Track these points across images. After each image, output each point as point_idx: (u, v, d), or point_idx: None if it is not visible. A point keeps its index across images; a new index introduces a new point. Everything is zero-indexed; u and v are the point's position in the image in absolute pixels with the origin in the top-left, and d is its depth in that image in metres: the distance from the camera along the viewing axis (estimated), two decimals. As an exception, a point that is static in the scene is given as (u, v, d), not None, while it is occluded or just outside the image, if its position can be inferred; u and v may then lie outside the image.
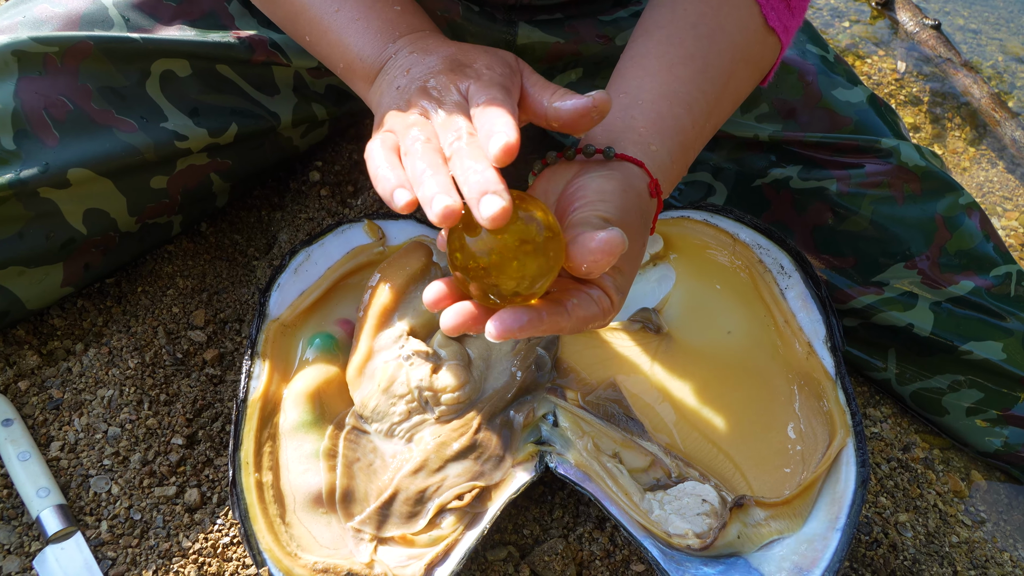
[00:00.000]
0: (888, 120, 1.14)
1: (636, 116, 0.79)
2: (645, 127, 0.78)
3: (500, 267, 0.61)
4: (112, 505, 0.92)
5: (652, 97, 0.81)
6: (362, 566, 0.83)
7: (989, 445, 1.11)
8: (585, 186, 0.70)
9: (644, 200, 0.73)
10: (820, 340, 0.94)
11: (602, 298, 0.66)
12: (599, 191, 0.69)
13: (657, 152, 0.77)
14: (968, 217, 1.09)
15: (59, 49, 0.97)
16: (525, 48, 1.13)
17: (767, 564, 0.84)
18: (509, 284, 0.62)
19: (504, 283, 0.62)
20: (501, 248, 0.61)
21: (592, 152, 0.74)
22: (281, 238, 1.17)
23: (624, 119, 0.79)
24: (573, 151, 0.75)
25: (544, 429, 0.92)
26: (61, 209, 0.98)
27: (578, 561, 0.92)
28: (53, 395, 1.00)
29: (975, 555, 1.02)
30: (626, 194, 0.71)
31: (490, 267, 0.61)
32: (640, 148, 0.76)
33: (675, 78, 0.82)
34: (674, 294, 1.02)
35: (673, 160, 0.79)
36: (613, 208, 0.68)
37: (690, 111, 0.82)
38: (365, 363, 0.95)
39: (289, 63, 1.08)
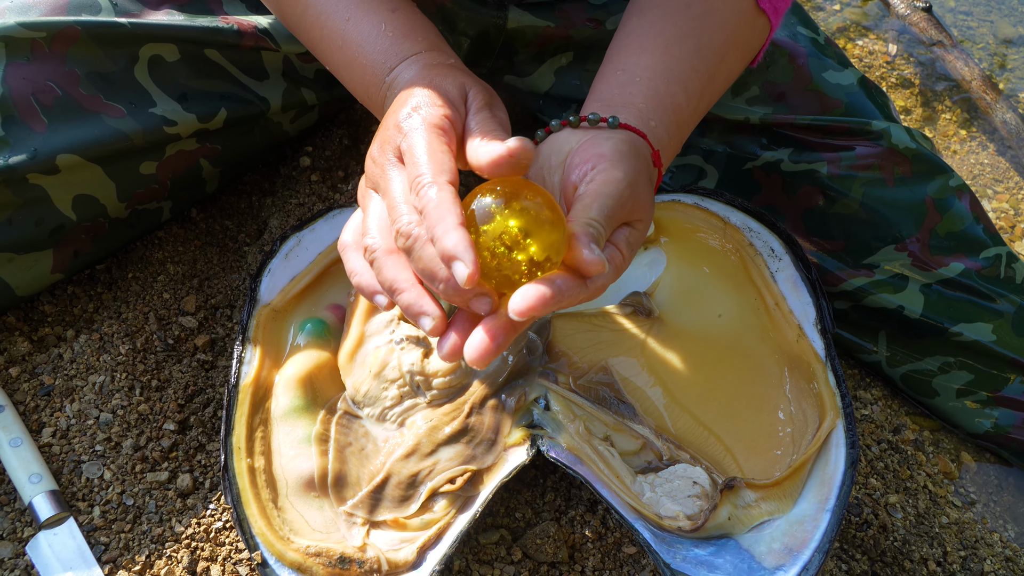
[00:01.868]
0: (878, 102, 1.14)
1: (634, 93, 0.81)
2: (643, 103, 0.80)
3: (515, 245, 0.64)
4: (104, 491, 0.92)
5: (650, 75, 0.82)
6: (354, 550, 0.83)
7: (979, 427, 1.12)
8: (599, 146, 0.72)
9: (650, 167, 0.76)
10: (810, 323, 0.94)
11: (615, 254, 0.69)
12: (614, 151, 0.72)
13: (655, 128, 0.79)
14: (958, 199, 1.09)
15: (47, 34, 0.96)
16: (515, 32, 1.13)
17: (758, 545, 0.84)
18: (522, 257, 0.64)
19: (520, 257, 0.64)
20: (513, 230, 0.64)
21: (597, 120, 0.75)
22: (272, 224, 1.17)
23: (623, 95, 0.81)
24: (577, 118, 0.76)
25: (536, 413, 0.92)
26: (50, 195, 0.98)
27: (570, 544, 0.92)
28: (44, 381, 1.00)
29: (965, 536, 1.03)
30: (636, 157, 0.73)
31: (507, 248, 0.64)
32: (640, 123, 0.78)
33: (671, 56, 0.83)
34: (665, 278, 1.02)
35: (670, 137, 0.81)
36: (627, 167, 0.70)
37: (685, 90, 0.83)
38: (356, 348, 0.95)
39: (278, 48, 1.08)
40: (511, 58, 1.17)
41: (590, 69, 1.15)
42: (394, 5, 0.87)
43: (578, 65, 1.16)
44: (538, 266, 0.64)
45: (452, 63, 0.83)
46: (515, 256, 0.64)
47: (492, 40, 1.14)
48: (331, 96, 1.17)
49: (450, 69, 0.80)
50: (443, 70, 0.79)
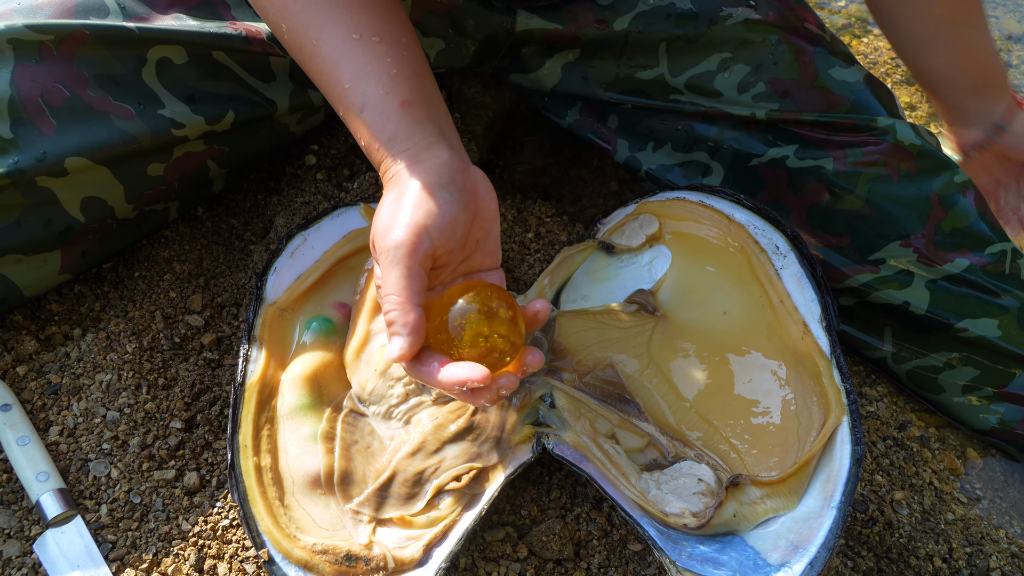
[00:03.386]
0: (884, 99, 1.14)
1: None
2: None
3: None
4: (112, 489, 0.93)
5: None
6: (361, 547, 0.83)
7: (985, 423, 1.12)
8: None
9: None
10: (815, 320, 0.94)
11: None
12: None
13: None
14: (963, 195, 1.09)
15: (55, 37, 0.97)
16: (524, 35, 1.13)
17: (763, 542, 0.84)
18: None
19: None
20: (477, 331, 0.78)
21: None
22: (277, 222, 1.17)
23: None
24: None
25: (541, 410, 0.92)
26: (59, 197, 0.98)
27: (575, 541, 0.92)
28: (51, 380, 1.00)
29: (971, 532, 1.03)
30: None
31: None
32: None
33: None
34: (670, 275, 1.02)
35: None
36: None
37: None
38: (362, 346, 0.95)
39: (285, 55, 1.08)
40: (517, 54, 1.18)
41: (596, 65, 1.15)
42: (394, 55, 0.88)
43: (584, 61, 1.16)
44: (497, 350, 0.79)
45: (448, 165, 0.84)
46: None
47: (500, 42, 1.14)
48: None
49: (448, 188, 0.81)
50: (441, 189, 0.81)
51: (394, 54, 0.87)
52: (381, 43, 0.87)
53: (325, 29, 0.87)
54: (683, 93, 1.13)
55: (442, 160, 0.82)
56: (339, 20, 0.87)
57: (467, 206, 0.81)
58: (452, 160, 0.82)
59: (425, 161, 0.82)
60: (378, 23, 0.88)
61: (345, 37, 0.87)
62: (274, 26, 0.91)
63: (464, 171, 0.83)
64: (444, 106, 0.90)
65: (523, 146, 1.34)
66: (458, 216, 0.80)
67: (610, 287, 1.03)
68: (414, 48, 0.90)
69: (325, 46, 0.87)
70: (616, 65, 1.15)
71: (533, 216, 1.21)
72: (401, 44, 0.88)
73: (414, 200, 0.79)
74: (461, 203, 0.80)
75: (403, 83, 0.86)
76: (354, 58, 0.86)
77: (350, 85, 0.86)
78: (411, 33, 0.91)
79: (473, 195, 0.82)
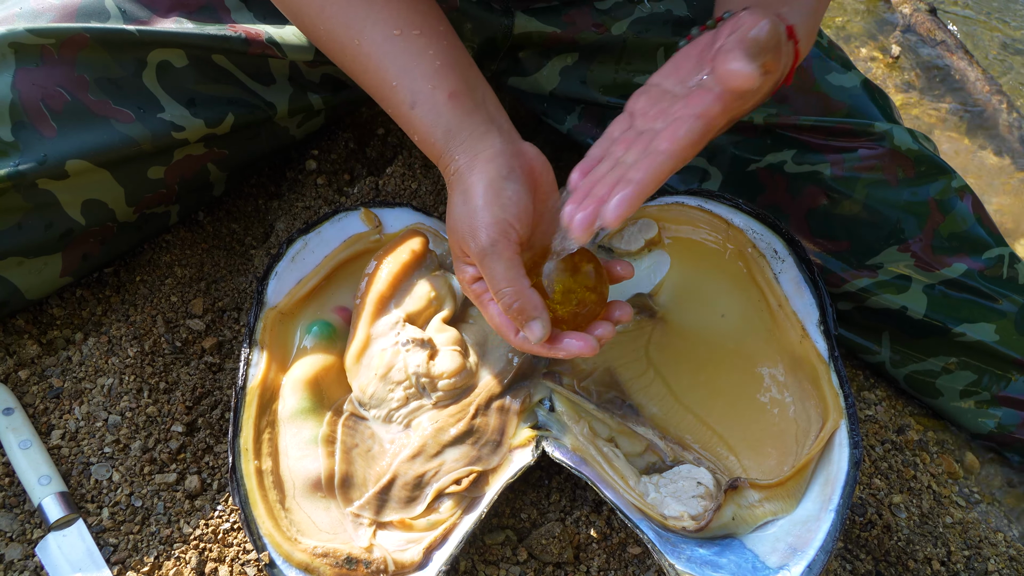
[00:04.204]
0: (881, 104, 1.14)
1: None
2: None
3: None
4: (113, 492, 0.93)
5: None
6: (361, 550, 0.84)
7: (982, 426, 1.12)
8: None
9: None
10: (813, 323, 0.95)
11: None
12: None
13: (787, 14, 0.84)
14: (960, 200, 1.09)
15: (55, 41, 0.97)
16: (522, 37, 1.14)
17: (761, 545, 0.84)
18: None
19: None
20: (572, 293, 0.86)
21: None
22: (278, 227, 1.17)
23: None
24: (714, 21, 0.84)
25: (541, 414, 0.92)
26: (59, 200, 0.98)
27: (575, 544, 0.92)
28: (53, 384, 1.00)
29: (969, 536, 1.03)
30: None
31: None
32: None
33: None
34: (669, 279, 1.02)
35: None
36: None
37: None
38: (363, 350, 0.95)
39: (285, 57, 1.08)
40: (515, 58, 1.18)
41: (595, 69, 1.16)
42: (436, 47, 0.89)
43: (583, 65, 1.17)
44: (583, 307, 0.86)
45: (507, 150, 0.86)
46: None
47: (498, 45, 1.15)
48: (337, 100, 1.17)
49: (510, 178, 0.84)
50: (505, 181, 0.83)
51: (435, 46, 0.89)
52: (421, 36, 0.89)
53: (366, 28, 0.88)
54: (681, 97, 1.14)
55: (497, 149, 0.85)
56: (378, 18, 0.88)
57: (530, 188, 0.85)
58: (505, 147, 0.85)
59: (482, 154, 0.85)
60: (416, 16, 0.89)
61: (386, 34, 0.88)
62: (310, 30, 0.93)
63: (519, 155, 0.86)
64: (488, 88, 0.92)
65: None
66: (527, 203, 0.83)
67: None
68: (452, 36, 0.91)
69: (367, 45, 0.89)
70: (615, 69, 1.15)
71: (533, 220, 1.21)
72: (439, 34, 0.90)
73: (485, 198, 0.82)
74: (526, 188, 0.84)
75: (447, 74, 0.88)
76: (398, 54, 0.88)
77: (397, 82, 0.88)
78: (446, 21, 0.92)
79: (531, 174, 0.86)
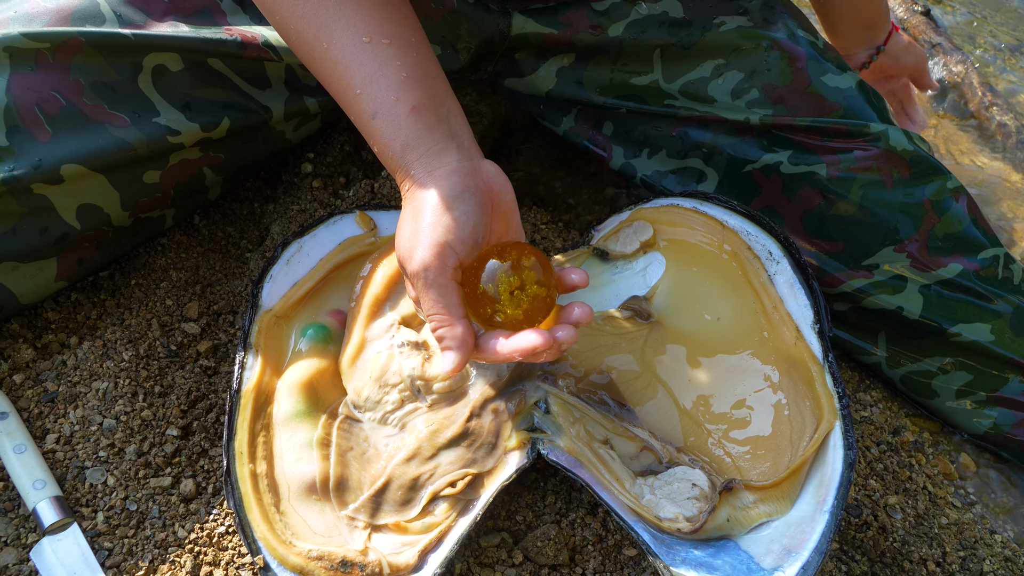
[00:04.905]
0: (876, 105, 1.14)
1: None
2: None
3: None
4: (108, 496, 0.93)
5: None
6: (356, 553, 0.84)
7: (978, 427, 1.12)
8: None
9: None
10: (808, 325, 0.95)
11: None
12: None
13: None
14: (956, 201, 1.10)
15: (50, 45, 0.97)
16: (519, 38, 1.14)
17: (756, 546, 0.84)
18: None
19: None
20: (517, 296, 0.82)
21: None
22: (274, 230, 1.17)
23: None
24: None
25: (536, 416, 0.92)
26: (54, 204, 0.98)
27: (571, 546, 0.92)
28: (48, 388, 1.00)
29: (964, 536, 1.03)
30: None
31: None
32: None
33: None
34: (664, 281, 1.02)
35: None
36: None
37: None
38: (358, 353, 0.95)
39: (280, 60, 1.08)
40: (512, 58, 1.18)
41: (591, 71, 1.16)
42: (404, 58, 0.88)
43: (580, 66, 1.17)
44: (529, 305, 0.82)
45: (461, 168, 0.85)
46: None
47: (495, 46, 1.15)
48: (333, 104, 1.17)
49: (462, 197, 0.83)
50: (456, 200, 0.82)
51: (404, 56, 0.88)
52: (391, 46, 0.87)
53: (336, 32, 0.87)
54: (677, 99, 1.14)
55: (453, 167, 0.83)
56: (349, 23, 0.87)
57: (484, 208, 0.83)
58: (462, 164, 0.84)
59: (437, 171, 0.83)
60: (388, 25, 0.88)
61: (355, 41, 0.87)
62: (281, 28, 0.92)
63: (475, 172, 0.84)
64: (455, 104, 0.90)
65: (518, 154, 1.35)
66: (477, 223, 0.82)
67: (604, 293, 1.04)
68: (423, 48, 0.90)
69: (335, 50, 0.88)
70: (611, 70, 1.15)
71: (528, 223, 1.21)
72: (411, 45, 0.89)
73: (432, 218, 0.81)
74: (478, 208, 0.82)
75: (413, 87, 0.87)
76: (364, 62, 0.87)
77: (361, 91, 0.87)
78: (420, 32, 0.91)
79: (488, 193, 0.84)
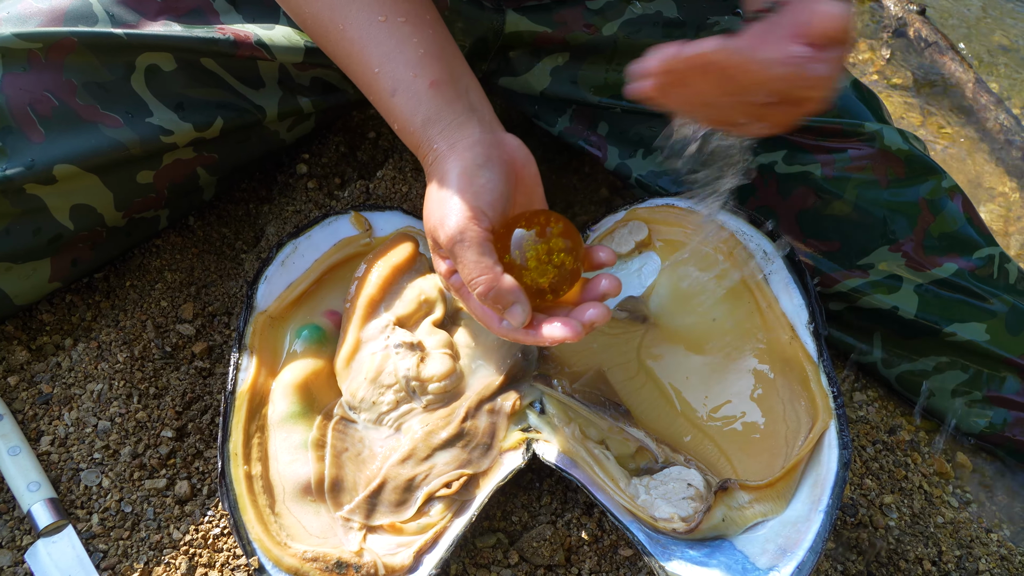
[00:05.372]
0: (871, 105, 1.14)
1: None
2: None
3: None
4: (103, 498, 0.93)
5: None
6: (351, 554, 0.83)
7: (974, 426, 1.12)
8: None
9: None
10: (803, 324, 0.95)
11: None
12: None
13: None
14: (951, 200, 1.10)
15: (43, 45, 0.97)
16: (512, 37, 1.14)
17: (751, 546, 0.84)
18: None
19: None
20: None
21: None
22: (268, 231, 1.17)
23: None
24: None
25: (531, 416, 0.92)
26: (48, 205, 0.98)
27: (566, 547, 0.92)
28: (43, 390, 1.00)
29: (960, 536, 1.03)
30: None
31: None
32: None
33: None
34: (659, 282, 1.02)
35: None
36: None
37: None
38: (353, 354, 0.95)
39: (273, 59, 1.08)
40: (507, 57, 1.18)
41: (586, 70, 1.16)
42: (420, 35, 0.89)
43: (574, 65, 1.16)
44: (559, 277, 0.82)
45: (485, 140, 0.85)
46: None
47: (489, 44, 1.15)
48: (327, 104, 1.17)
49: (486, 166, 0.83)
50: (480, 169, 0.82)
51: (420, 34, 0.88)
52: (406, 23, 0.88)
53: (351, 13, 0.88)
54: (672, 98, 1.14)
55: (475, 139, 0.84)
56: (363, 3, 0.89)
57: (508, 178, 0.84)
58: (484, 136, 0.85)
59: (459, 143, 0.84)
60: (402, 4, 0.89)
61: (371, 20, 0.88)
62: (295, 12, 0.93)
63: (498, 144, 0.85)
64: (473, 79, 0.91)
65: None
66: (504, 190, 0.82)
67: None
68: (438, 25, 0.91)
69: (351, 31, 0.89)
70: (606, 70, 1.15)
71: (523, 223, 1.21)
72: (426, 22, 0.90)
73: (459, 186, 0.81)
74: (502, 177, 0.83)
75: (430, 63, 0.88)
76: (381, 41, 0.88)
77: (379, 69, 0.88)
78: (434, 11, 0.92)
79: (511, 164, 0.85)
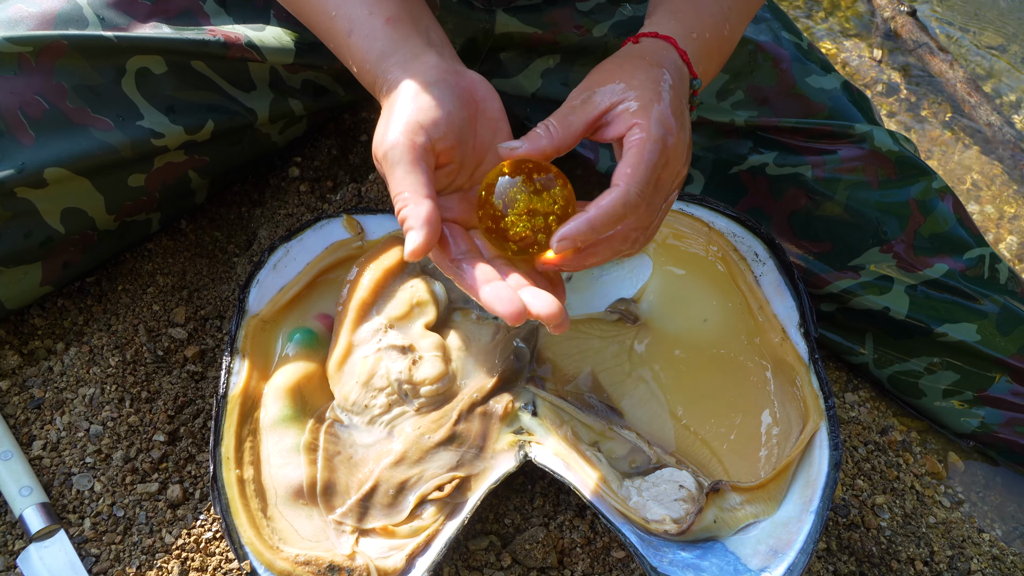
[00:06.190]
0: (861, 106, 1.15)
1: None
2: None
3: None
4: (95, 502, 0.93)
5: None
6: (344, 558, 0.83)
7: (966, 426, 1.12)
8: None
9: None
10: (794, 326, 0.95)
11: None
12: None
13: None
14: (941, 201, 1.10)
15: (33, 49, 0.97)
16: (503, 38, 1.14)
17: (743, 547, 0.85)
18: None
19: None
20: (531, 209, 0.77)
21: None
22: (261, 234, 1.17)
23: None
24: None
25: (523, 419, 0.92)
26: (38, 208, 0.98)
27: (559, 549, 0.92)
28: (35, 394, 1.00)
29: (952, 535, 1.04)
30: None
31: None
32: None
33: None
34: (651, 284, 1.02)
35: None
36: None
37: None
38: (345, 357, 0.95)
39: (264, 60, 1.08)
40: (498, 59, 1.18)
41: (577, 72, 1.16)
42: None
43: (565, 67, 1.17)
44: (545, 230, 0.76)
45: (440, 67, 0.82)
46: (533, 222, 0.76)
47: (480, 45, 1.15)
48: (318, 106, 1.17)
49: (437, 85, 0.79)
50: (431, 87, 0.79)
51: None
52: None
53: None
54: (662, 101, 1.14)
55: (432, 64, 0.80)
56: None
57: (463, 103, 0.79)
58: (442, 63, 0.81)
59: (413, 68, 0.80)
60: None
61: None
62: None
63: (457, 72, 0.81)
64: (434, 21, 0.88)
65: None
66: (452, 110, 0.78)
67: (591, 296, 1.03)
68: None
69: None
70: (597, 71, 1.15)
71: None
72: None
73: (404, 101, 0.78)
74: (454, 98, 0.78)
75: (387, 2, 0.85)
76: None
77: (336, 12, 0.86)
78: None
79: (469, 93, 0.80)
